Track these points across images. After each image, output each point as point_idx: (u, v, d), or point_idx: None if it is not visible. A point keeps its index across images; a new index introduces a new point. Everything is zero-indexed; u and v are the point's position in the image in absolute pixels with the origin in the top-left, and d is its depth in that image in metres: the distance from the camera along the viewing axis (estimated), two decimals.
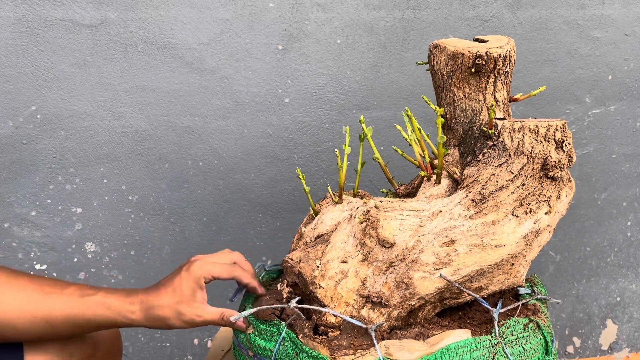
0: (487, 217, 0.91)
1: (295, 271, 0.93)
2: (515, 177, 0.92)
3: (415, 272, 0.89)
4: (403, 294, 0.90)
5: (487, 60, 0.97)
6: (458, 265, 0.90)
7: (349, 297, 0.90)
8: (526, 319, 0.92)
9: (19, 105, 1.38)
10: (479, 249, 0.91)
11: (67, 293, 0.90)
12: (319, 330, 0.91)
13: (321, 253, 0.93)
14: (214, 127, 1.50)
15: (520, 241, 0.92)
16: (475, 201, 0.92)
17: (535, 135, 0.92)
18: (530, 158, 0.92)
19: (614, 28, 1.69)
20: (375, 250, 0.90)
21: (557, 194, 0.94)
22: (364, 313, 0.91)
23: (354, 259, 0.91)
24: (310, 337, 0.88)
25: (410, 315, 0.94)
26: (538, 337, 0.91)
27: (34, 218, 1.44)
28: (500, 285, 0.96)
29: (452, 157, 1.03)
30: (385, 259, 0.90)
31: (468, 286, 0.93)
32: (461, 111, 1.02)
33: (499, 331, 0.88)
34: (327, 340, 0.88)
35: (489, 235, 0.91)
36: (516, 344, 0.88)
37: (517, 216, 0.92)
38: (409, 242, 0.90)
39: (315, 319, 0.91)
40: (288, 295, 0.97)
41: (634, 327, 1.94)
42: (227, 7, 1.45)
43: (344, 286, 0.91)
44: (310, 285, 0.91)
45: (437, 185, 0.99)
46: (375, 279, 0.90)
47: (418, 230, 0.90)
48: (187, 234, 1.53)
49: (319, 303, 0.91)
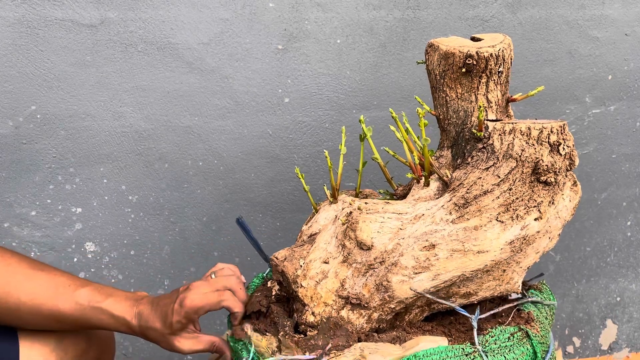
0: (469, 222, 0.89)
1: (279, 270, 0.94)
2: (502, 182, 0.89)
3: (394, 276, 0.88)
4: (382, 296, 0.89)
5: (477, 60, 0.94)
6: (438, 270, 0.89)
7: (328, 298, 0.90)
8: (515, 328, 0.89)
9: (19, 105, 1.38)
10: (460, 254, 0.89)
11: (77, 297, 0.94)
12: (300, 328, 0.92)
13: (306, 253, 0.93)
14: (213, 127, 1.50)
15: (505, 247, 0.90)
16: (458, 205, 0.90)
17: (526, 137, 0.88)
18: (520, 162, 0.88)
19: (614, 28, 1.69)
20: (354, 252, 0.90)
21: (549, 199, 0.91)
22: (343, 314, 0.91)
23: (335, 260, 0.91)
24: (290, 336, 0.89)
25: (396, 318, 0.94)
26: (524, 347, 0.88)
27: (34, 218, 1.44)
28: (492, 291, 0.94)
29: (445, 159, 1.00)
30: (364, 261, 0.89)
31: (455, 291, 0.92)
32: (454, 112, 0.99)
33: (482, 339, 0.86)
34: (304, 339, 0.88)
35: (471, 240, 0.88)
36: (498, 352, 0.85)
37: (502, 222, 0.89)
38: (387, 245, 0.89)
39: (296, 318, 0.92)
40: (276, 292, 0.98)
41: (634, 327, 1.94)
42: (227, 7, 1.45)
43: (324, 286, 0.91)
44: (292, 284, 0.92)
45: (426, 187, 0.97)
46: (355, 281, 0.90)
47: (398, 233, 0.89)
48: (187, 234, 1.53)
49: (301, 302, 0.91)
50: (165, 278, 1.54)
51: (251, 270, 1.58)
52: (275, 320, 0.93)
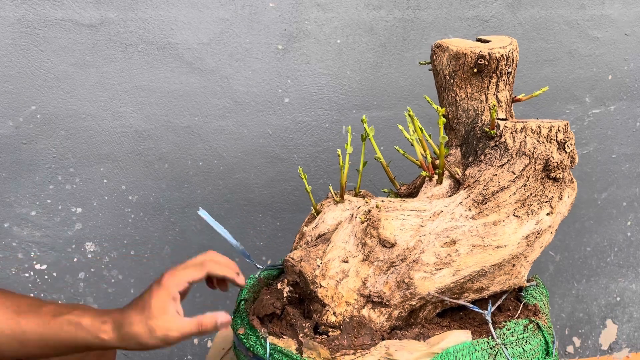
0: (489, 217, 0.91)
1: (296, 270, 0.93)
2: (517, 178, 0.92)
3: (416, 272, 0.89)
4: (404, 294, 0.90)
5: (489, 60, 0.97)
6: (459, 265, 0.90)
7: (350, 297, 0.90)
8: (526, 320, 0.92)
9: (19, 105, 1.38)
10: (480, 249, 0.90)
11: (41, 312, 0.85)
12: (320, 329, 0.91)
13: (322, 252, 0.93)
14: (214, 127, 1.50)
15: (522, 242, 0.92)
16: (477, 201, 0.92)
17: (537, 136, 0.92)
18: (532, 159, 0.91)
19: (614, 28, 1.69)
20: (376, 250, 0.90)
21: (559, 194, 0.94)
22: (364, 313, 0.91)
23: (354, 259, 0.91)
24: (311, 337, 0.88)
25: (411, 316, 0.94)
26: (538, 338, 0.91)
27: (34, 218, 1.44)
28: (502, 285, 0.96)
29: (454, 157, 1.02)
30: (386, 259, 0.90)
31: (469, 286, 0.93)
32: (463, 111, 1.02)
33: (499, 332, 0.88)
34: (327, 339, 0.88)
35: (490, 235, 0.90)
36: (516, 344, 0.88)
37: (518, 217, 0.91)
38: (409, 242, 0.90)
39: (315, 319, 0.91)
40: (288, 294, 0.97)
41: (634, 327, 1.94)
42: (227, 7, 1.45)
43: (345, 286, 0.90)
44: (311, 285, 0.91)
45: (439, 185, 0.99)
46: (376, 279, 0.90)
47: (419, 230, 0.90)
48: (187, 234, 1.53)
49: (320, 302, 0.91)
50: None
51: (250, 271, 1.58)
52: (292, 322, 0.91)
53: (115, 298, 1.51)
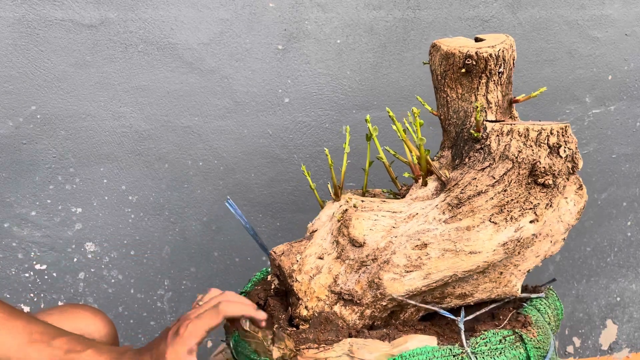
0: (462, 222, 0.88)
1: (276, 264, 0.95)
2: (497, 183, 0.88)
3: (385, 273, 0.89)
4: (375, 294, 0.90)
5: (477, 60, 0.93)
6: (429, 269, 0.89)
7: (321, 293, 0.91)
8: (509, 332, 0.88)
9: (19, 105, 1.38)
10: (451, 254, 0.88)
11: (53, 346, 0.83)
12: (294, 322, 0.93)
13: (303, 248, 0.94)
14: (213, 127, 1.50)
15: (498, 249, 0.89)
16: (452, 205, 0.89)
17: (524, 139, 0.87)
18: (516, 163, 0.87)
19: (614, 28, 1.69)
20: (347, 248, 0.91)
21: (547, 202, 0.89)
22: (336, 309, 0.91)
23: (329, 256, 0.92)
24: (283, 329, 0.90)
25: (392, 317, 0.94)
26: (517, 350, 0.87)
27: (34, 218, 1.44)
28: (489, 293, 0.94)
29: (445, 159, 1.00)
30: (357, 258, 0.90)
31: (450, 292, 0.92)
32: (454, 112, 0.99)
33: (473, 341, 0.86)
34: (295, 332, 0.89)
35: (463, 240, 0.88)
36: (487, 355, 0.85)
37: (495, 223, 0.88)
38: (380, 243, 0.89)
39: (290, 311, 0.94)
40: (275, 286, 0.99)
41: (634, 327, 1.94)
42: (227, 7, 1.45)
43: (317, 281, 0.92)
44: (288, 278, 0.93)
45: (424, 187, 0.97)
46: (347, 277, 0.91)
47: (391, 231, 0.90)
48: (187, 234, 1.53)
49: (295, 296, 0.92)
50: (165, 278, 1.54)
51: (251, 271, 1.58)
52: (272, 313, 0.94)
53: (115, 298, 1.51)
